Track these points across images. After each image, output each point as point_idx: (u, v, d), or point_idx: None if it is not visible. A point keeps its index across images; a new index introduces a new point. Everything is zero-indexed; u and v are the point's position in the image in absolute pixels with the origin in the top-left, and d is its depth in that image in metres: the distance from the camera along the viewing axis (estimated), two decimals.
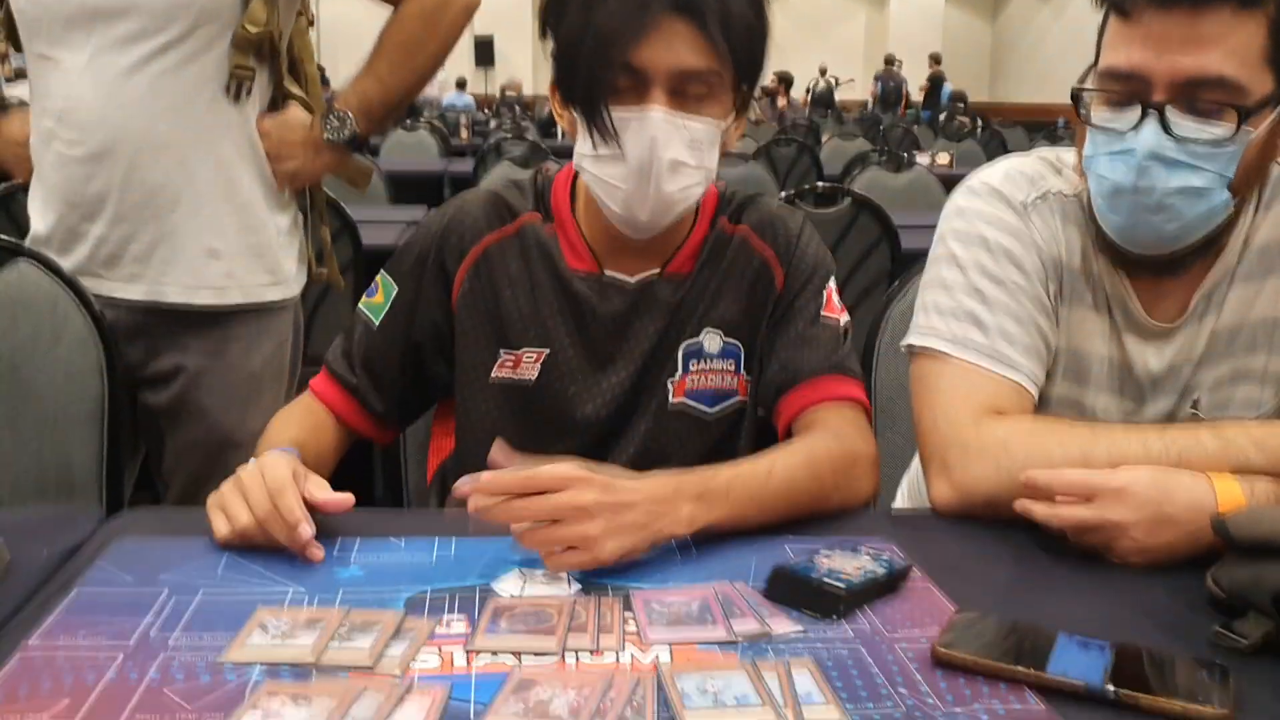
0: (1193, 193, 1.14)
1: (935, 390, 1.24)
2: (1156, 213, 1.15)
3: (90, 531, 1.11)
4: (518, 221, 1.37)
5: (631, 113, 1.21)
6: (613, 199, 1.26)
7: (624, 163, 1.22)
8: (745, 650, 0.89)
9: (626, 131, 1.21)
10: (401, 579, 1.01)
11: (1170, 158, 1.12)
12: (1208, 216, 1.16)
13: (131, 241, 1.65)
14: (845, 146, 7.33)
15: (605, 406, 1.35)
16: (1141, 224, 1.17)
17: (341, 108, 1.74)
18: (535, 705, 0.79)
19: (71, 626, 0.90)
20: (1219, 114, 1.11)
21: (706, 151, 1.25)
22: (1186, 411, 1.28)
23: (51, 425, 1.54)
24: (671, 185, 1.23)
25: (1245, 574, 0.94)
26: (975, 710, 0.81)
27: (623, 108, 1.21)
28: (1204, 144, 1.12)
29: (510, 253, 1.36)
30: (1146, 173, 1.13)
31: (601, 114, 1.21)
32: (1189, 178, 1.13)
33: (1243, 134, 1.11)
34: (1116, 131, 1.15)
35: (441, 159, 7.44)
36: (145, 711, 0.78)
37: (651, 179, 1.22)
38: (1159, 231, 1.17)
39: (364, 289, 1.40)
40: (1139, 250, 1.20)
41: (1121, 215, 1.18)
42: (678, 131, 1.22)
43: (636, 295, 1.34)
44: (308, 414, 1.37)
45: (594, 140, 1.23)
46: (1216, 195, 1.14)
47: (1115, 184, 1.16)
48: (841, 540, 1.08)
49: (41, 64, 1.65)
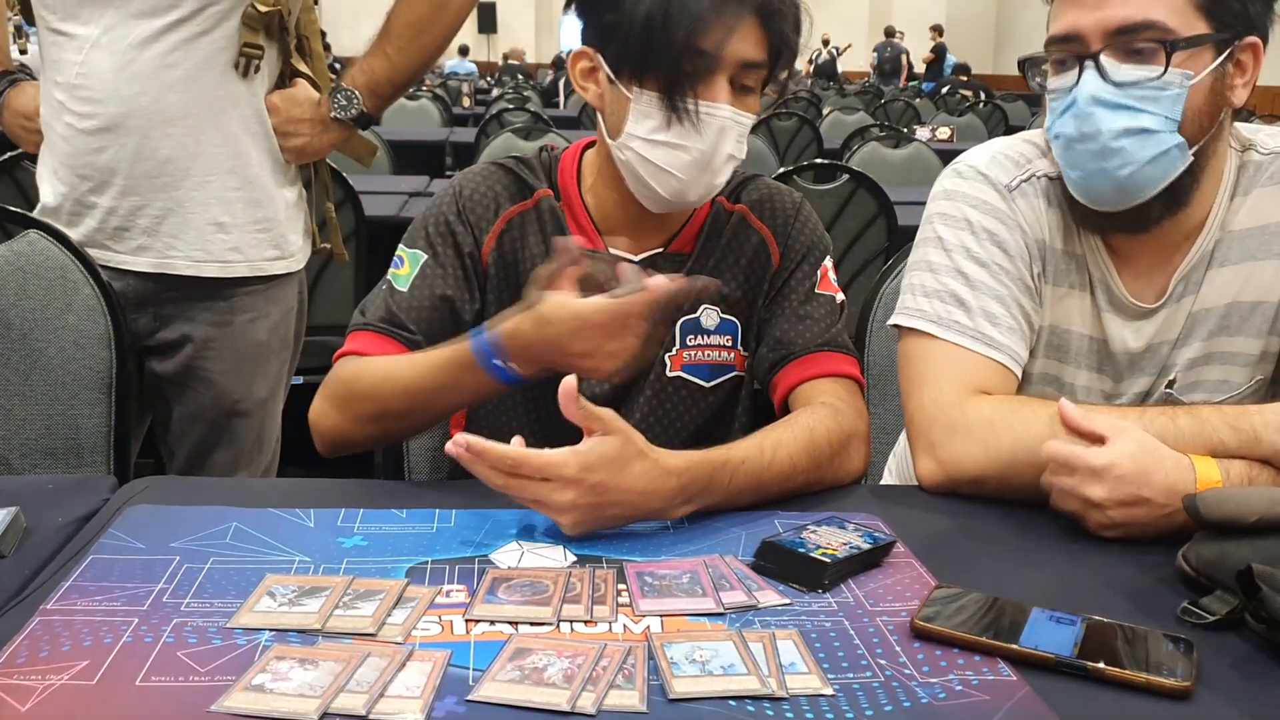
0: (1139, 134, 1.18)
1: (921, 370, 1.28)
2: (1107, 158, 1.19)
3: (103, 500, 1.15)
4: (535, 196, 1.39)
5: (714, 108, 1.24)
6: (663, 184, 1.28)
7: (687, 151, 1.25)
8: (733, 621, 0.93)
9: (709, 122, 1.24)
10: (403, 549, 1.05)
11: (1110, 100, 1.18)
12: (1162, 162, 1.20)
13: (140, 214, 1.68)
14: (845, 120, 7.34)
15: (609, 379, 1.38)
16: (1095, 173, 1.21)
17: (349, 86, 1.76)
18: (530, 671, 0.83)
19: (88, 591, 0.94)
20: (1153, 55, 1.17)
21: (744, 144, 1.30)
22: (1162, 390, 1.32)
23: (61, 394, 1.57)
24: (720, 178, 1.30)
25: (1213, 551, 0.98)
26: (950, 680, 0.85)
27: (710, 103, 1.24)
28: (1142, 85, 1.17)
29: (530, 226, 1.38)
30: (1090, 119, 1.18)
31: (686, 100, 1.23)
32: (1133, 119, 1.18)
33: (1176, 74, 1.16)
34: (1063, 90, 1.21)
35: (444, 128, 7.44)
36: (160, 672, 0.82)
37: (709, 170, 1.27)
38: (1113, 179, 1.20)
39: (367, 258, 1.41)
40: (1102, 205, 1.24)
41: (1077, 169, 1.23)
42: (737, 126, 1.26)
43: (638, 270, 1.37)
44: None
45: (663, 122, 1.25)
46: (1166, 138, 1.18)
47: (1066, 137, 1.22)
48: (829, 515, 1.12)
49: (53, 38, 1.67)
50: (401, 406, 1.27)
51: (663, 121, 1.25)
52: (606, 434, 1.04)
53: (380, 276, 1.40)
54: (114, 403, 1.59)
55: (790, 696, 0.82)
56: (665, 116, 1.24)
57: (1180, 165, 1.21)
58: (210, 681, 0.81)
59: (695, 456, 1.12)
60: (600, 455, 1.04)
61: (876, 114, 8.54)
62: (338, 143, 1.81)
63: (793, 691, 0.82)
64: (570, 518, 1.04)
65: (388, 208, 3.40)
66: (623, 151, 1.30)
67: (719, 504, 1.14)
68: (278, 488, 1.38)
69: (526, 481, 1.04)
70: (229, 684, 0.80)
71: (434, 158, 6.26)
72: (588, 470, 1.03)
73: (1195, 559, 1.00)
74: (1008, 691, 0.83)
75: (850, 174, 3.38)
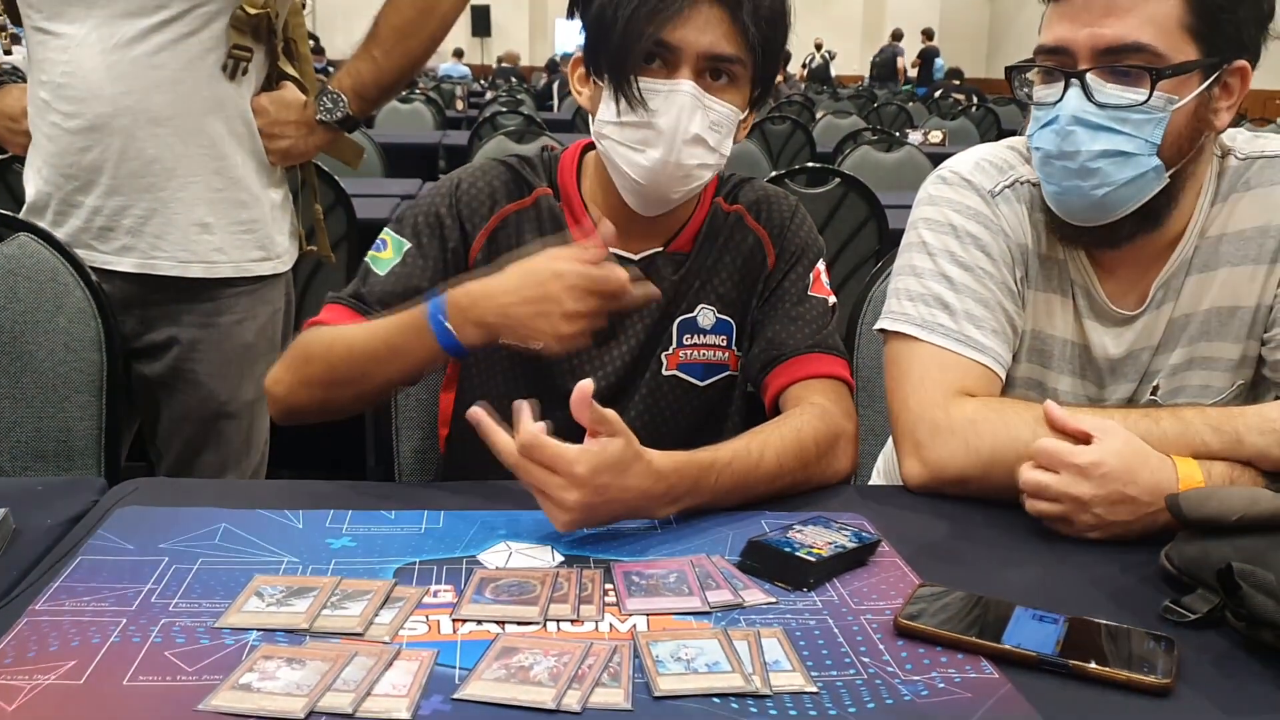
0: (1118, 156, 1.19)
1: (906, 372, 1.28)
2: (1084, 177, 1.20)
3: (91, 501, 1.15)
4: (534, 194, 1.40)
5: (661, 84, 1.25)
6: (632, 166, 1.29)
7: (649, 129, 1.26)
8: (718, 619, 0.94)
9: (655, 99, 1.25)
10: (391, 550, 1.06)
11: (1092, 121, 1.18)
12: (1138, 184, 1.20)
13: (125, 214, 1.68)
14: (838, 124, 7.35)
15: (606, 377, 1.39)
16: (1072, 189, 1.22)
17: (335, 89, 1.76)
18: (517, 670, 0.84)
19: (76, 592, 0.94)
20: (1139, 79, 1.16)
21: (724, 136, 1.29)
22: (1146, 397, 1.33)
23: (51, 395, 1.57)
24: (690, 159, 1.27)
25: (1194, 550, 0.99)
26: (933, 678, 0.85)
27: (653, 79, 1.25)
28: (1126, 108, 1.17)
29: (528, 224, 1.39)
30: (1070, 137, 1.19)
31: (630, 82, 1.25)
32: (1112, 141, 1.18)
33: (1161, 98, 1.16)
34: (1048, 104, 1.21)
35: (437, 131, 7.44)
36: (147, 672, 0.82)
37: (674, 149, 1.26)
38: (1089, 198, 1.21)
39: (358, 261, 1.41)
40: (1076, 220, 1.25)
41: (1054, 183, 1.23)
42: (702, 109, 1.26)
43: (639, 273, 1.37)
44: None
45: (619, 107, 1.26)
46: (1144, 161, 1.19)
47: (1046, 152, 1.22)
48: (815, 515, 1.13)
49: (39, 36, 1.67)
50: (346, 370, 1.27)
51: (619, 105, 1.27)
52: (613, 436, 1.05)
53: None
54: (105, 405, 1.59)
55: (774, 694, 0.82)
56: (617, 99, 1.26)
57: (1155, 187, 1.21)
58: (198, 681, 0.81)
59: (683, 458, 1.12)
60: (608, 458, 1.04)
61: (869, 118, 8.57)
62: (323, 145, 1.82)
63: (777, 689, 0.83)
64: (570, 516, 1.04)
65: (380, 211, 3.39)
66: (600, 141, 1.32)
67: (705, 503, 1.15)
68: (267, 489, 1.38)
69: (535, 467, 1.04)
70: (216, 683, 0.81)
71: (427, 161, 6.26)
72: (595, 473, 1.03)
73: (1177, 558, 1.01)
74: (990, 689, 0.84)
75: (842, 178, 3.39)
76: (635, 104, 1.25)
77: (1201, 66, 1.17)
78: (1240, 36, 1.18)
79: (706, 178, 1.32)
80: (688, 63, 1.25)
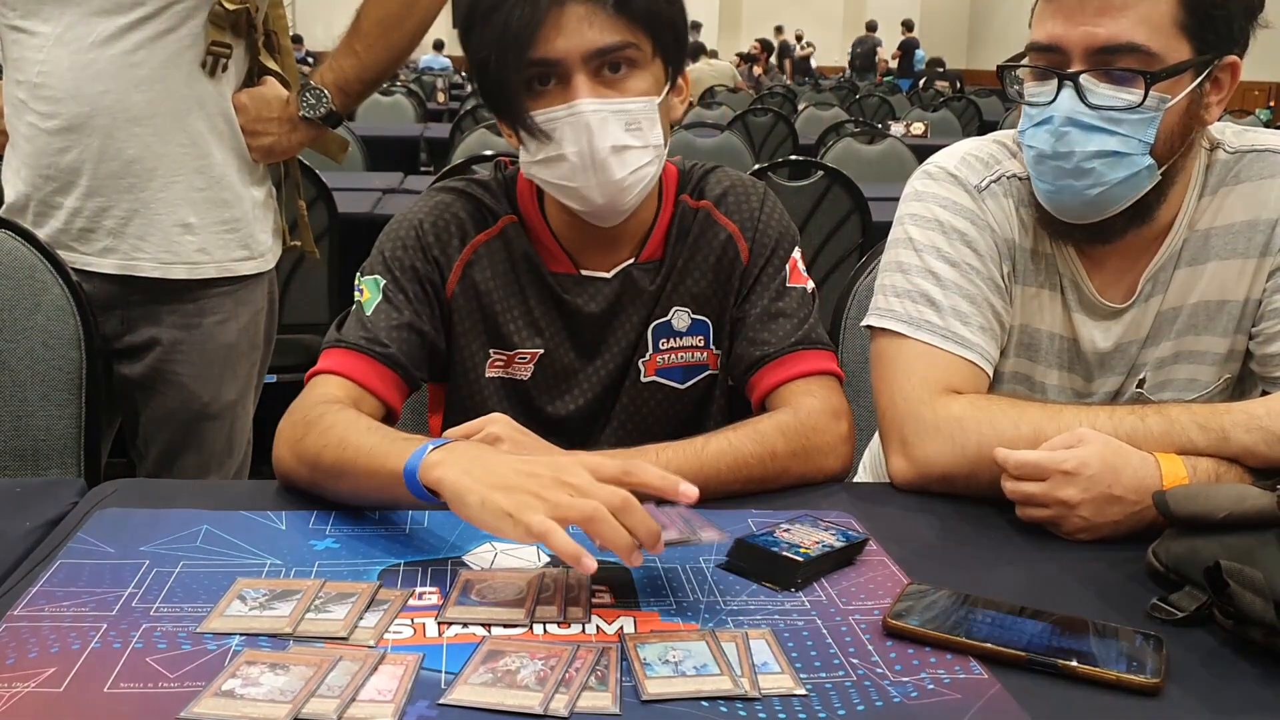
0: (1111, 157, 1.19)
1: (893, 369, 1.28)
2: (1078, 177, 1.20)
3: (71, 503, 1.14)
4: (500, 223, 1.36)
5: (559, 110, 1.21)
6: (569, 197, 1.27)
7: (566, 161, 1.23)
8: (706, 620, 0.93)
9: (558, 130, 1.22)
10: (375, 551, 1.05)
11: (1086, 122, 1.18)
12: (1131, 182, 1.21)
13: (105, 215, 1.66)
14: (821, 115, 7.35)
15: (590, 392, 1.38)
16: (1065, 189, 1.22)
17: (318, 84, 1.75)
18: (503, 674, 0.83)
19: (55, 597, 0.93)
20: (1133, 80, 1.16)
21: (648, 129, 1.25)
22: (1133, 390, 1.33)
23: (30, 395, 1.55)
24: (621, 171, 1.23)
25: (1182, 548, 0.99)
26: (922, 679, 0.85)
27: (549, 108, 1.21)
28: (1119, 109, 1.17)
29: (497, 254, 1.35)
30: (1065, 138, 1.19)
31: (525, 119, 1.22)
32: (1106, 142, 1.18)
33: (1154, 99, 1.16)
34: (1040, 103, 1.21)
35: (418, 124, 7.41)
36: (128, 679, 0.81)
37: (597, 170, 1.22)
38: (1082, 196, 1.22)
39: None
40: (1068, 218, 1.25)
41: (1047, 182, 1.23)
42: (611, 116, 1.22)
43: (617, 289, 1.36)
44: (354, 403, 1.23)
45: (530, 146, 1.24)
46: (1138, 160, 1.19)
47: (1039, 151, 1.22)
48: (803, 514, 1.12)
49: (14, 35, 1.65)
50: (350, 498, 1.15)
51: (530, 144, 1.25)
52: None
53: (354, 274, 1.38)
54: (84, 404, 1.57)
55: (763, 697, 0.82)
56: (522, 138, 1.25)
57: (1148, 184, 1.22)
58: (180, 688, 0.80)
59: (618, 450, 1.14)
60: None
61: (851, 109, 8.57)
62: (306, 141, 1.80)
63: (765, 692, 0.82)
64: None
65: (361, 204, 3.38)
66: (533, 180, 1.31)
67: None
68: (249, 489, 1.37)
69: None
70: (199, 690, 0.80)
71: (408, 154, 6.23)
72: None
73: (1165, 555, 1.01)
74: (979, 690, 0.84)
75: (825, 170, 3.39)
76: (540, 137, 1.22)
77: (1194, 65, 1.17)
78: (1232, 31, 1.18)
79: (652, 173, 1.27)
80: (577, 69, 1.20)
